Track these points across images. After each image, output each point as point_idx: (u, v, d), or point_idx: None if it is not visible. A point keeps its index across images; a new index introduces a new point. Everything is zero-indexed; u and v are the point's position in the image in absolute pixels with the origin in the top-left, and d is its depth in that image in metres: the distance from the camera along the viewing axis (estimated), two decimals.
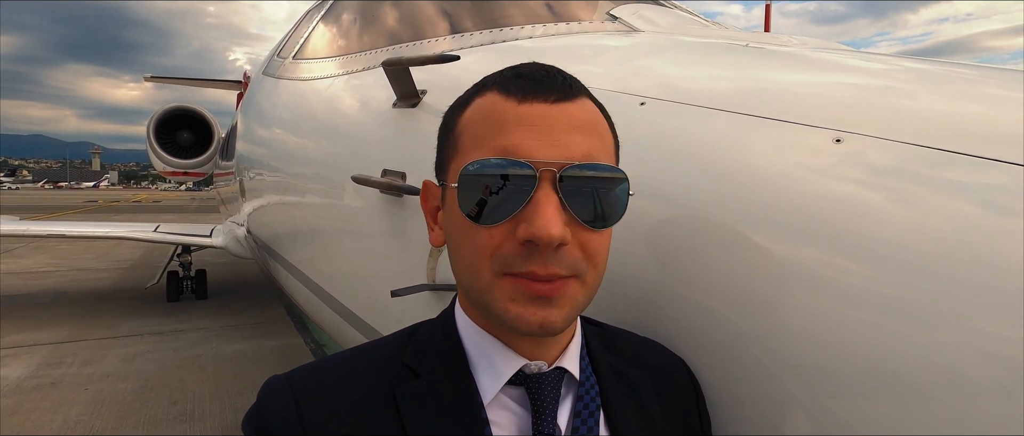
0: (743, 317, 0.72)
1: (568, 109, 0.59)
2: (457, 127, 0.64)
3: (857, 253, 0.65)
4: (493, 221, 0.57)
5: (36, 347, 5.24)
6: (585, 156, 0.58)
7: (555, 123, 0.58)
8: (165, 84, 16.34)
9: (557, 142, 0.57)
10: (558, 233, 0.54)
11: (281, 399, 0.61)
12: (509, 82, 0.61)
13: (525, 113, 0.58)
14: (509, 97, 0.60)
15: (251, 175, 3.68)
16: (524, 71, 0.62)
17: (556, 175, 0.56)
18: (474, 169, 0.58)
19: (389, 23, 2.28)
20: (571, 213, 0.57)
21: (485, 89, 0.63)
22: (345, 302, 1.91)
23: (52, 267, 9.82)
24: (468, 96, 0.66)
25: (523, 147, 0.57)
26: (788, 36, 1.35)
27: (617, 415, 0.66)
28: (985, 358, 0.54)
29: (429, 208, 0.72)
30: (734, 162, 0.82)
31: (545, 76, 0.61)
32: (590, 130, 0.60)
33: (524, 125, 0.58)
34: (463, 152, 0.62)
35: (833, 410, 0.64)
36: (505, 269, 0.57)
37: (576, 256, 0.58)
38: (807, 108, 0.84)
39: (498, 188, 0.56)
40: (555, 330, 0.58)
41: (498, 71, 0.65)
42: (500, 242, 0.57)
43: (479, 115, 0.62)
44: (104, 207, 31.61)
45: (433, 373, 0.64)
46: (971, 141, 0.67)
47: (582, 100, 0.62)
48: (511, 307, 0.58)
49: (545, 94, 0.59)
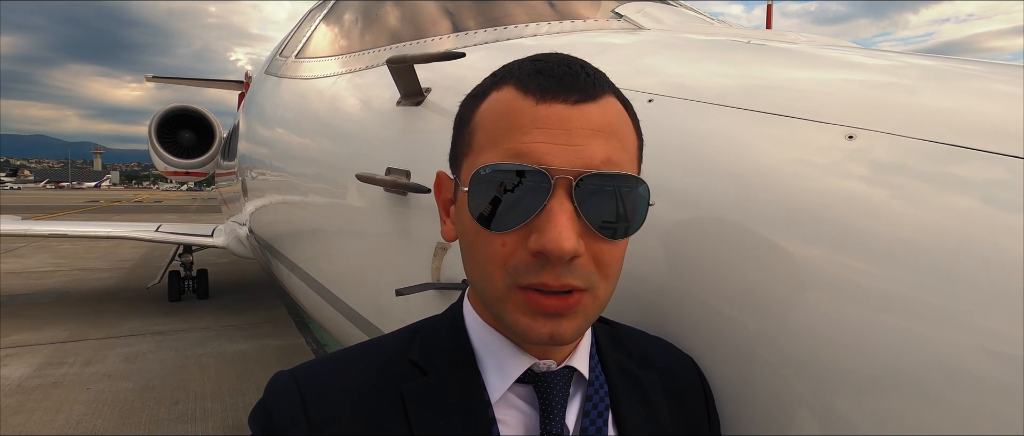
0: (754, 316, 0.71)
1: (589, 111, 0.56)
2: (473, 121, 0.61)
3: (870, 252, 0.64)
4: (504, 228, 0.55)
5: (38, 347, 5.25)
6: (604, 163, 0.55)
7: (574, 126, 0.55)
8: (166, 84, 16.35)
9: (575, 147, 0.54)
10: (570, 247, 0.51)
11: (287, 395, 0.61)
12: (528, 78, 0.57)
13: (542, 114, 0.55)
14: (527, 95, 0.56)
15: (253, 174, 3.68)
16: (545, 67, 0.58)
17: (572, 183, 0.53)
18: (486, 174, 0.55)
19: (391, 22, 2.27)
20: (586, 223, 0.54)
21: (503, 82, 0.60)
22: (348, 301, 1.90)
23: (54, 267, 9.83)
24: (485, 87, 0.62)
25: (538, 151, 0.54)
26: (794, 33, 1.34)
27: (626, 414, 0.65)
28: (998, 359, 0.53)
29: (442, 200, 0.69)
30: (744, 160, 0.81)
31: (567, 73, 0.57)
32: (611, 133, 0.57)
33: (540, 128, 0.55)
34: (477, 150, 0.59)
35: (843, 410, 0.63)
36: (517, 281, 0.55)
37: (589, 268, 0.55)
38: (818, 105, 0.83)
39: (510, 194, 0.54)
40: (565, 341, 0.57)
41: (518, 61, 0.61)
42: (512, 250, 0.55)
43: (495, 111, 0.58)
44: (106, 207, 31.64)
45: (440, 371, 0.63)
46: (986, 137, 0.66)
47: (606, 99, 0.58)
48: (522, 319, 0.56)
49: (566, 94, 0.55)
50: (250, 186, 3.89)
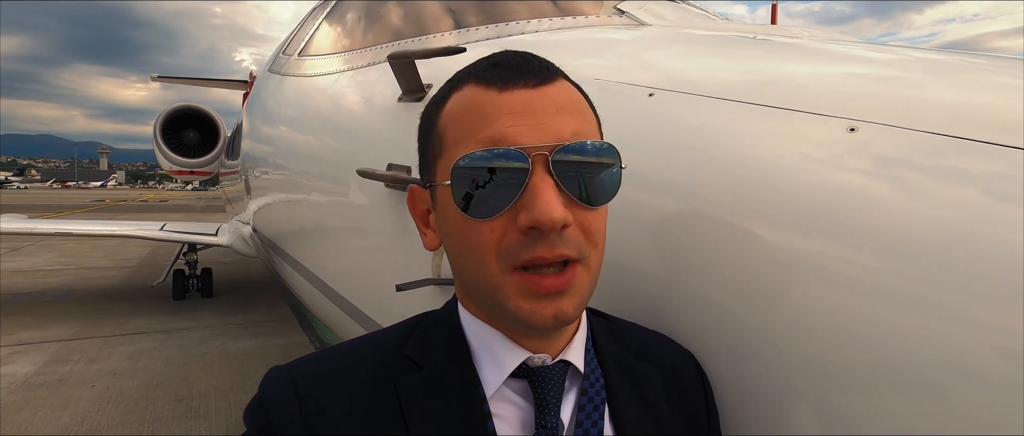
0: (754, 311, 0.71)
1: (549, 92, 0.59)
2: (438, 125, 0.63)
3: (873, 247, 0.63)
4: (491, 213, 0.56)
5: (43, 344, 5.27)
6: (574, 135, 0.57)
7: (539, 107, 0.58)
8: (171, 84, 16.40)
9: (544, 125, 0.57)
10: (560, 215, 0.54)
11: (283, 390, 0.61)
12: (486, 72, 0.60)
13: (508, 101, 0.58)
14: (489, 87, 0.59)
15: (256, 173, 3.69)
16: (499, 60, 0.61)
17: (548, 158, 0.55)
18: (466, 163, 0.57)
19: (393, 19, 2.27)
20: (568, 194, 0.56)
21: (461, 83, 0.62)
22: (350, 298, 1.90)
23: (59, 265, 9.88)
24: (444, 92, 0.65)
25: (511, 134, 0.56)
26: (798, 29, 1.33)
27: (622, 409, 0.64)
28: (1002, 354, 0.52)
29: (418, 212, 0.70)
30: (745, 153, 0.80)
31: (521, 62, 0.60)
32: (574, 110, 0.60)
33: (508, 113, 0.57)
34: (449, 148, 0.60)
35: (843, 406, 0.62)
36: (512, 262, 0.56)
37: (579, 237, 0.57)
38: (819, 98, 0.82)
39: (492, 179, 0.56)
40: (569, 319, 0.58)
41: (470, 64, 0.64)
42: (502, 234, 0.57)
43: (460, 109, 0.61)
44: (111, 206, 31.82)
45: (435, 365, 0.63)
46: (990, 130, 0.65)
47: (561, 82, 0.61)
48: (523, 305, 0.57)
49: (525, 79, 0.59)
50: (253, 184, 3.90)
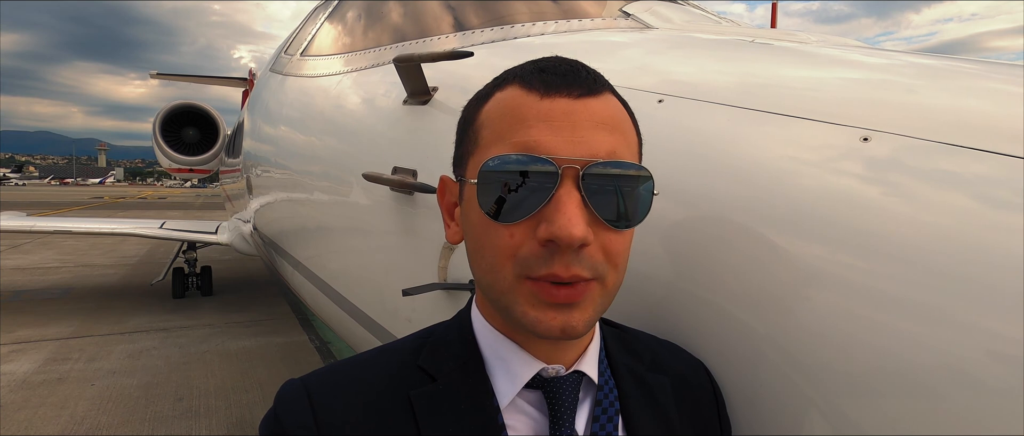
0: (764, 319, 0.71)
1: (592, 105, 0.57)
2: (477, 121, 0.62)
3: (882, 254, 0.63)
4: (513, 219, 0.55)
5: (42, 343, 5.27)
6: (609, 154, 0.56)
7: (578, 119, 0.56)
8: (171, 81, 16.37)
9: (580, 139, 0.55)
10: (580, 233, 0.52)
11: (298, 403, 0.60)
12: (531, 76, 0.59)
13: (548, 108, 0.57)
14: (531, 91, 0.58)
15: (257, 172, 3.68)
16: (547, 65, 0.60)
17: (579, 173, 0.54)
18: (494, 165, 0.56)
19: (396, 20, 2.26)
20: (593, 212, 0.55)
21: (506, 83, 0.61)
22: (353, 300, 1.90)
23: (58, 263, 9.87)
24: (488, 90, 0.64)
25: (545, 143, 0.55)
26: (803, 33, 1.33)
27: (636, 419, 0.64)
28: (1010, 362, 0.52)
29: (446, 204, 0.70)
30: (755, 161, 0.80)
31: (569, 71, 0.59)
32: (614, 127, 0.58)
33: (546, 121, 0.56)
34: (483, 147, 0.60)
35: (855, 415, 0.62)
36: (526, 272, 0.55)
37: (598, 258, 0.56)
38: (830, 106, 0.82)
39: (518, 185, 0.55)
40: (576, 334, 0.56)
41: (519, 65, 0.63)
42: (521, 242, 0.56)
43: (500, 109, 0.60)
44: (110, 203, 31.73)
45: (449, 377, 0.62)
46: (1002, 140, 0.65)
47: (606, 96, 0.60)
48: (530, 311, 0.56)
49: (569, 89, 0.57)
50: (254, 183, 3.89)
